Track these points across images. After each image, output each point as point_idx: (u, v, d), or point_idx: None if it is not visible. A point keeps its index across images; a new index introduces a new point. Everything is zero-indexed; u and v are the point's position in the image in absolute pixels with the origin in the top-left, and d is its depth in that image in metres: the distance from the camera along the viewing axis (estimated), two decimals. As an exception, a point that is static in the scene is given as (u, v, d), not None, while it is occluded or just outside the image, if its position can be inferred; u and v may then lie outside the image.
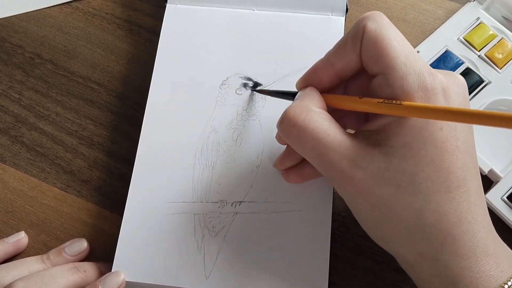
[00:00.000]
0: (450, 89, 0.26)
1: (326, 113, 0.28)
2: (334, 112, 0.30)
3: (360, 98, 0.27)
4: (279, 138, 0.33)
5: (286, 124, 0.28)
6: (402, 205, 0.26)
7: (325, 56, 0.30)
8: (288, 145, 0.33)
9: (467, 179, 0.26)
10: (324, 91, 0.30)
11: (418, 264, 0.27)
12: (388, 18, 0.41)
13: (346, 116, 0.32)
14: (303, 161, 0.32)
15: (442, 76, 0.26)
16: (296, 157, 0.32)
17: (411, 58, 0.26)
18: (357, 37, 0.27)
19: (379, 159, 0.26)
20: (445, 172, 0.25)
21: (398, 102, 0.26)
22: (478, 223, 0.26)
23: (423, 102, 0.26)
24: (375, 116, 0.28)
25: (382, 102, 0.26)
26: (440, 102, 0.26)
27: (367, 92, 0.28)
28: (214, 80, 0.38)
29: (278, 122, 0.29)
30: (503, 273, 0.25)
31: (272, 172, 0.35)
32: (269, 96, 0.36)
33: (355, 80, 0.30)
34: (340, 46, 0.29)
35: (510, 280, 0.25)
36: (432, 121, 0.25)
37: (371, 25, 0.27)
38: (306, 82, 0.30)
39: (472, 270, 0.25)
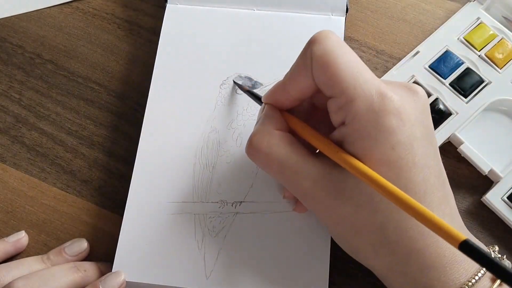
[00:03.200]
0: (404, 106, 0.26)
1: (288, 135, 0.29)
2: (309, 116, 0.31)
3: (325, 138, 0.28)
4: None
5: (252, 151, 0.29)
6: (363, 222, 0.27)
7: (282, 79, 0.29)
8: None
9: (428, 193, 0.26)
10: (287, 109, 0.30)
11: (388, 276, 0.28)
12: (388, 18, 0.41)
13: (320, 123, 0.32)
14: None
15: (393, 95, 0.26)
16: None
17: (361, 80, 0.26)
18: (307, 63, 0.27)
19: (338, 179, 0.27)
20: (402, 190, 0.25)
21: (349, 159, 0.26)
22: None
23: (370, 125, 0.26)
24: (334, 130, 0.28)
25: (339, 153, 0.26)
26: (392, 122, 0.26)
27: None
28: (214, 80, 0.38)
29: (245, 149, 0.30)
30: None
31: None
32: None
33: (320, 95, 0.30)
34: (293, 73, 0.29)
35: (471, 281, 0.26)
36: (382, 142, 0.26)
37: (317, 50, 0.26)
38: (268, 102, 0.31)
39: (440, 280, 0.26)
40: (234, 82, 0.37)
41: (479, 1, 0.40)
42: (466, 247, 0.21)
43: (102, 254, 0.35)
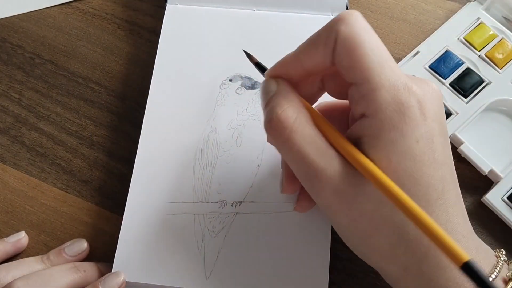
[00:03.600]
0: (426, 100, 0.26)
1: (314, 114, 0.28)
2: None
3: (342, 137, 0.26)
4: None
5: (277, 126, 0.26)
6: (383, 219, 0.26)
7: (295, 51, 0.28)
8: (285, 168, 0.31)
9: (445, 190, 0.26)
10: (293, 83, 0.28)
11: (403, 278, 0.27)
12: (388, 18, 0.41)
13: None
14: None
15: (417, 88, 0.25)
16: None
17: (386, 69, 0.25)
18: (329, 41, 0.26)
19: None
20: (424, 185, 0.24)
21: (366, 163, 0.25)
22: (458, 233, 0.26)
23: (396, 116, 0.25)
24: (353, 123, 0.27)
25: (354, 153, 0.25)
26: (416, 115, 0.25)
27: (345, 97, 0.28)
28: (214, 80, 0.38)
29: (266, 122, 0.27)
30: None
31: (272, 172, 0.35)
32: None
33: (332, 79, 0.29)
34: (311, 46, 0.27)
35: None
36: (408, 134, 0.25)
37: (344, 30, 0.25)
38: (275, 74, 0.29)
39: (455, 281, 0.25)
40: (244, 51, 0.34)
41: (479, 1, 0.40)
42: (467, 268, 0.21)
43: (102, 254, 0.35)
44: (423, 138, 0.25)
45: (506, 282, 0.26)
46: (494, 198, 0.34)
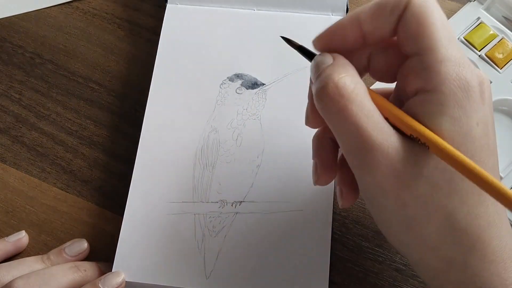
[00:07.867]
0: (485, 83, 0.24)
1: (370, 90, 0.25)
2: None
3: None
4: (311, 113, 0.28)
5: (333, 93, 0.24)
6: (436, 205, 0.24)
7: (352, 13, 0.26)
8: (320, 158, 0.29)
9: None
10: (344, 52, 0.26)
11: (444, 272, 0.25)
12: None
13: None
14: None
15: (478, 70, 0.24)
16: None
17: (453, 45, 0.24)
18: (397, 8, 0.24)
19: (420, 152, 0.24)
20: None
21: (424, 144, 0.23)
22: (504, 227, 0.25)
23: (461, 92, 0.23)
24: (402, 103, 0.25)
25: (410, 136, 0.24)
26: (477, 96, 0.23)
27: (397, 72, 0.26)
28: (214, 80, 0.38)
29: (319, 89, 0.24)
30: None
31: (272, 172, 0.35)
32: (269, 96, 0.36)
33: (382, 53, 0.27)
34: (376, 10, 0.25)
35: None
36: (471, 114, 0.23)
37: (416, 0, 0.24)
38: (327, 39, 0.26)
39: (501, 276, 0.24)
40: (282, 37, 0.32)
41: (479, 1, 0.40)
42: None
43: (102, 254, 0.35)
44: (481, 122, 0.24)
45: None
46: (494, 198, 0.34)
